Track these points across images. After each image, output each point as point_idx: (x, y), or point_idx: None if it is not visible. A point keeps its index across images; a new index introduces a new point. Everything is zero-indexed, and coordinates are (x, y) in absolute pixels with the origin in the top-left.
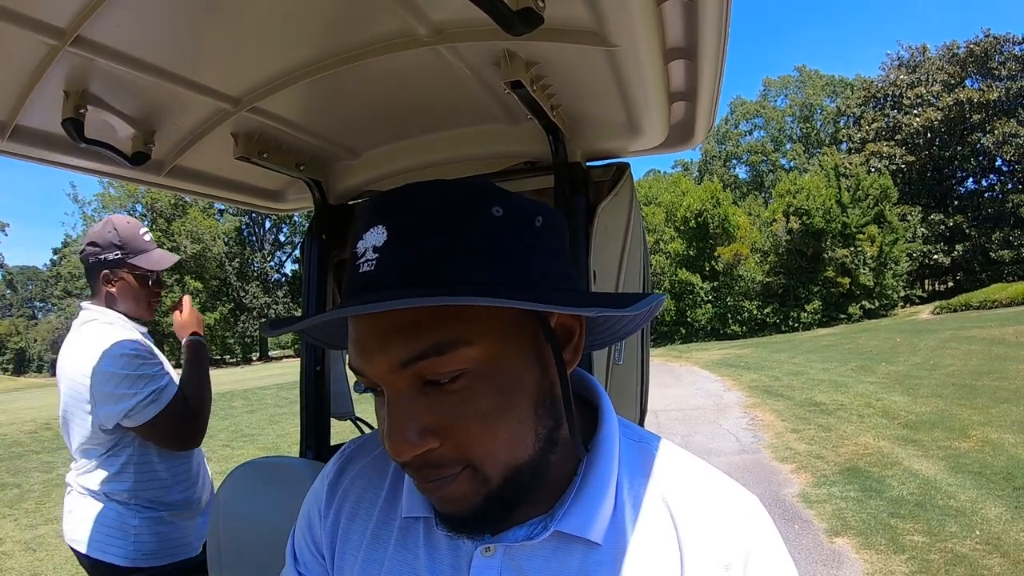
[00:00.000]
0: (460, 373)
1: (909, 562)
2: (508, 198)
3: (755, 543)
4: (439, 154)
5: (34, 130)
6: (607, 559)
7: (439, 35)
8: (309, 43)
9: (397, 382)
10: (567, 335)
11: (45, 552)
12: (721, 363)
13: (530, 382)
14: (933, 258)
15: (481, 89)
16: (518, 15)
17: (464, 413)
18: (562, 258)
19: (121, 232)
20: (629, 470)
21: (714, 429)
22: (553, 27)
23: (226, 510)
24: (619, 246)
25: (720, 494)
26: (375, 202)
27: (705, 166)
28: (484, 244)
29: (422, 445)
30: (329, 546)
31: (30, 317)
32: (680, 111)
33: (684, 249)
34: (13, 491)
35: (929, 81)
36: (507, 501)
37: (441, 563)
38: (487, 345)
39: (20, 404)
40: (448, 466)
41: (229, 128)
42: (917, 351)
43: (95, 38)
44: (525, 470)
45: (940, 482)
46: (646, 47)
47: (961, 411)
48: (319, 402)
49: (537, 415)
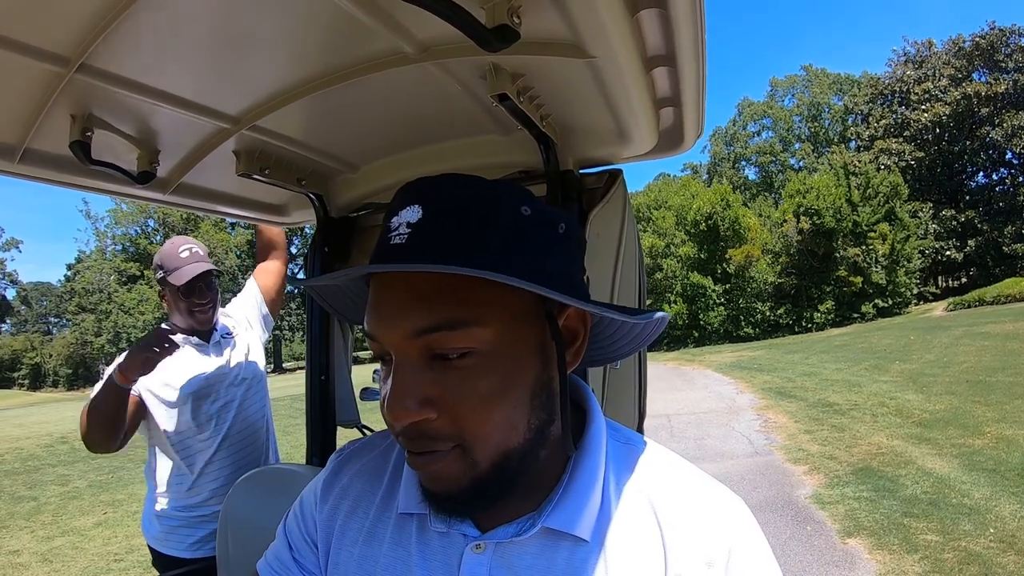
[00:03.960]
0: (468, 351)
1: (922, 562)
2: (537, 202)
3: (738, 541)
4: (435, 166)
5: (43, 153)
6: (593, 556)
7: (426, 52)
8: (303, 63)
9: (408, 350)
10: (571, 337)
11: (61, 563)
12: (734, 365)
13: (531, 373)
14: (945, 254)
15: (471, 102)
16: (493, 32)
17: (465, 391)
18: (577, 267)
19: (163, 252)
20: (615, 469)
21: (726, 432)
22: (531, 41)
23: (234, 516)
24: (613, 253)
25: (704, 494)
26: (414, 184)
27: (714, 168)
28: (510, 235)
29: (420, 414)
30: (324, 540)
31: (45, 333)
32: (668, 117)
33: (695, 252)
34: (30, 503)
35: (936, 76)
36: (493, 488)
37: (433, 560)
38: (497, 329)
39: (36, 418)
40: (440, 440)
41: (231, 146)
42: (931, 349)
43: (98, 65)
44: (513, 458)
45: (954, 480)
46: (625, 56)
47: (975, 408)
48: (325, 410)
49: (532, 406)
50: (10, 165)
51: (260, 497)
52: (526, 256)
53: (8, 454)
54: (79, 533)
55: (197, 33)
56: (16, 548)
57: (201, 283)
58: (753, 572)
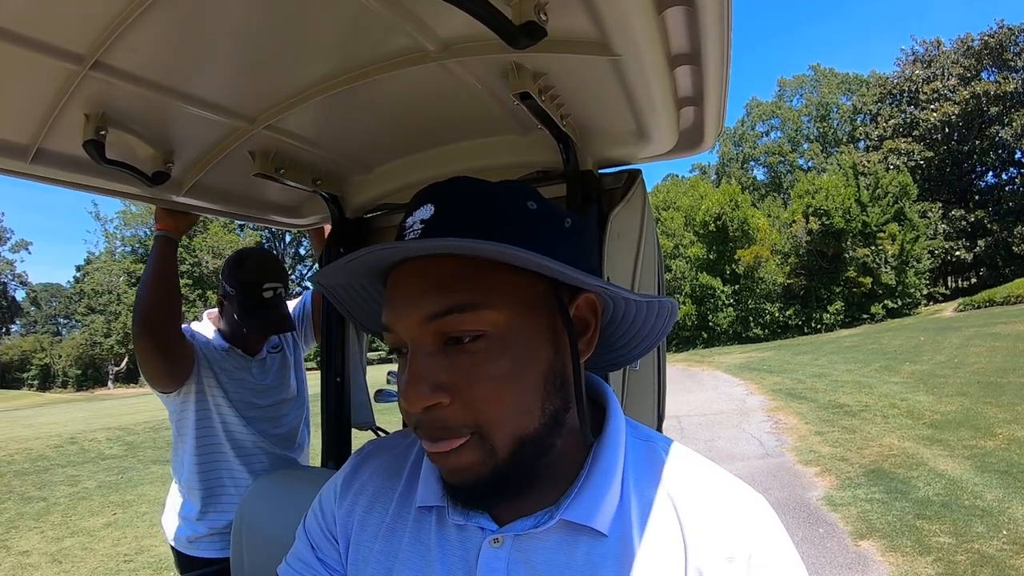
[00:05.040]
0: (480, 334)
1: (935, 564)
2: (543, 199)
3: (760, 537)
4: (453, 166)
5: (56, 152)
6: (612, 551)
7: (447, 51)
8: (321, 62)
9: (422, 336)
10: (583, 327)
11: (71, 564)
12: (743, 367)
13: (543, 357)
14: (955, 254)
15: (491, 101)
16: (521, 29)
17: (478, 374)
18: (587, 262)
19: (242, 278)
20: (635, 466)
21: (737, 433)
22: (556, 39)
23: (248, 519)
24: (632, 252)
25: (725, 491)
26: (427, 188)
27: (723, 169)
28: (518, 228)
29: (433, 398)
30: (344, 535)
31: (54, 334)
32: (689, 116)
33: (704, 253)
34: (39, 504)
35: (945, 75)
36: (514, 477)
37: (452, 555)
38: (509, 313)
39: (45, 419)
40: (456, 427)
41: (247, 146)
42: (941, 349)
43: (113, 62)
44: (530, 444)
45: (966, 482)
46: (649, 54)
47: (987, 409)
48: (340, 412)
49: (545, 391)
50: (23, 165)
51: (275, 500)
52: (534, 247)
53: (18, 454)
54: (88, 534)
55: (213, 30)
56: (26, 548)
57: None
58: (776, 568)
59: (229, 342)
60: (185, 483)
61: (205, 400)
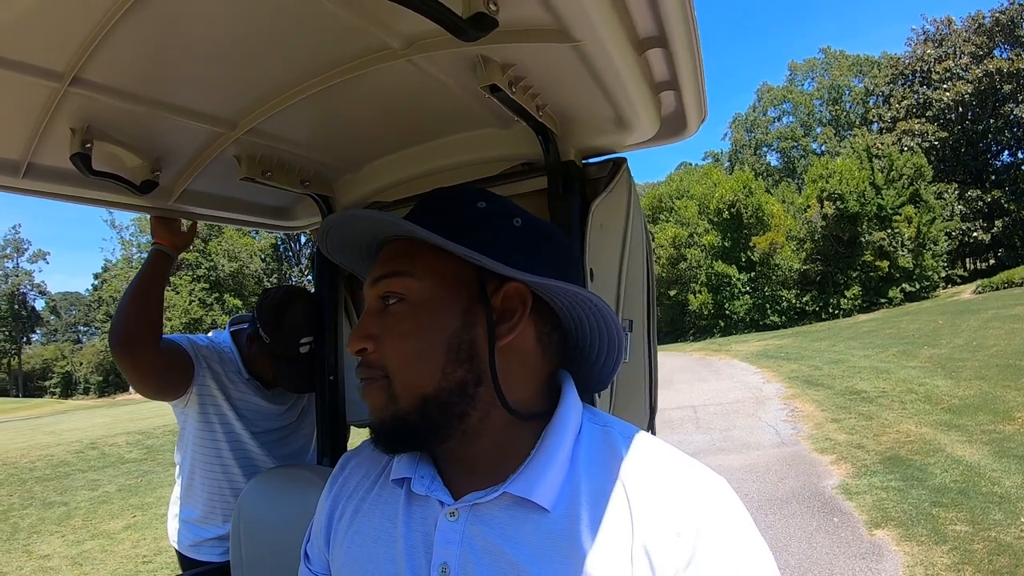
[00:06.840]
0: (400, 298)
1: (951, 553)
2: (495, 199)
3: (710, 513)
4: (437, 162)
5: (47, 167)
6: (558, 527)
7: (411, 47)
8: (293, 65)
9: (371, 297)
10: (507, 313)
11: (91, 566)
12: (760, 354)
13: (448, 326)
14: (972, 235)
15: (466, 95)
16: (470, 21)
17: (392, 329)
18: (534, 257)
19: (280, 328)
20: (589, 449)
21: (753, 422)
22: (512, 28)
23: (246, 517)
24: (618, 243)
25: (677, 471)
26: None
27: (735, 155)
28: (458, 221)
29: (360, 344)
30: (326, 528)
31: (75, 341)
32: (671, 101)
33: (719, 241)
34: (60, 508)
35: (957, 54)
36: (419, 427)
37: (415, 529)
38: (428, 285)
39: (66, 425)
40: (373, 371)
41: (231, 151)
42: (960, 333)
43: (91, 77)
44: (432, 403)
45: (984, 468)
46: (611, 39)
47: (1005, 393)
48: (335, 410)
49: (448, 357)
50: (16, 180)
51: (272, 498)
52: (475, 237)
53: (40, 461)
54: (108, 536)
55: (185, 40)
56: (47, 552)
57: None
58: (727, 543)
59: (249, 371)
60: (187, 488)
61: (207, 411)
